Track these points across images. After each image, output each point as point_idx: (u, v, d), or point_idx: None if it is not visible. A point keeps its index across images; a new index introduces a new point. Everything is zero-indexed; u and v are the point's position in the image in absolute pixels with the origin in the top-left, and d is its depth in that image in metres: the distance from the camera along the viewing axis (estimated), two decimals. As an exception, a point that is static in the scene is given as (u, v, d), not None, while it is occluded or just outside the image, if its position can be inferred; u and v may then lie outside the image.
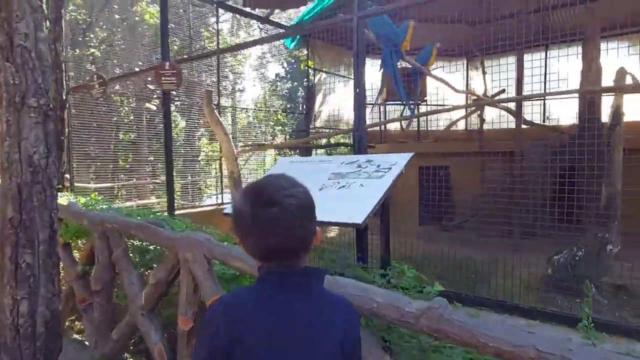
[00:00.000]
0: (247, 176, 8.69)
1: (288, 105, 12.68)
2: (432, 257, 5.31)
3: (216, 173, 11.53)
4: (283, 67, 13.38)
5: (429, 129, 9.26)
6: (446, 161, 7.33)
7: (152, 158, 8.41)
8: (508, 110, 6.61)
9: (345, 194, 2.30)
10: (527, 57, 7.79)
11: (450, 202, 7.28)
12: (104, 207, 3.51)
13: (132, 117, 8.47)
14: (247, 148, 7.08)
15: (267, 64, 13.37)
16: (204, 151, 10.56)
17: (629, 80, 3.63)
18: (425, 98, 8.40)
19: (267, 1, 6.56)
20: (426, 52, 6.07)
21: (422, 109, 8.73)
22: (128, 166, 7.86)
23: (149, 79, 7.22)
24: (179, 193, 8.59)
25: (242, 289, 1.27)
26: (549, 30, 8.05)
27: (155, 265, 2.65)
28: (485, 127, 7.97)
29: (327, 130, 8.18)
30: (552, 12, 7.80)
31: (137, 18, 8.19)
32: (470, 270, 5.13)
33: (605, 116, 5.56)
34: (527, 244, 5.72)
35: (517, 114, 6.06)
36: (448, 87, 6.51)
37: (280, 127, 11.72)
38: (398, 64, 5.78)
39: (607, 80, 5.41)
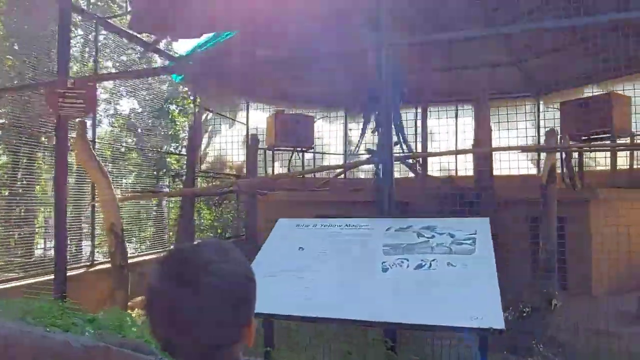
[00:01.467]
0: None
1: (147, 144, 11.23)
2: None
3: (44, 221, 9.35)
4: (138, 103, 11.92)
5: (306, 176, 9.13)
6: (342, 210, 7.19)
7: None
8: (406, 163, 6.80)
9: (434, 278, 1.75)
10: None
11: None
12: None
13: None
14: (131, 195, 5.79)
15: (119, 97, 11.76)
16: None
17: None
18: (312, 145, 8.27)
19: (155, 27, 5.64)
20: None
21: (308, 156, 8.56)
22: None
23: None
24: None
25: None
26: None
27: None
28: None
29: (211, 175, 7.30)
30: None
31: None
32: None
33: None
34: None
35: (423, 166, 6.24)
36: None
37: (134, 168, 10.20)
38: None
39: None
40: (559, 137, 3.92)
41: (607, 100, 6.78)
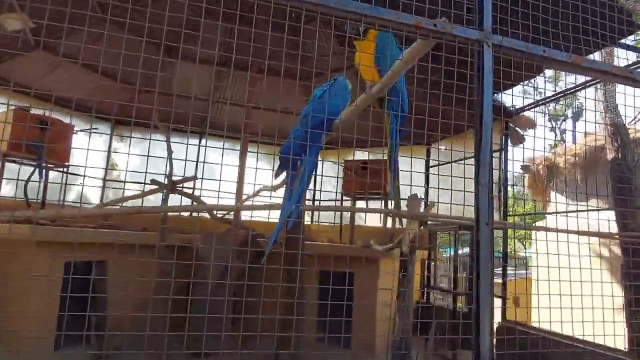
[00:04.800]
0: None
1: None
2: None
3: None
4: None
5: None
6: (103, 255, 5.41)
7: None
8: (194, 197, 5.69)
9: None
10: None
11: (104, 314, 5.31)
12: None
13: None
14: None
15: None
16: None
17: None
18: (67, 163, 6.14)
19: None
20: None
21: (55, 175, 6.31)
22: None
23: None
24: None
25: None
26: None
27: None
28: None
29: None
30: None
31: None
32: None
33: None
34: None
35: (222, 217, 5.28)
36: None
37: None
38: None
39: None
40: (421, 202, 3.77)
41: (382, 166, 7.45)
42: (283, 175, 2.68)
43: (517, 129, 6.62)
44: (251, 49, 2.64)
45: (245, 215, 7.31)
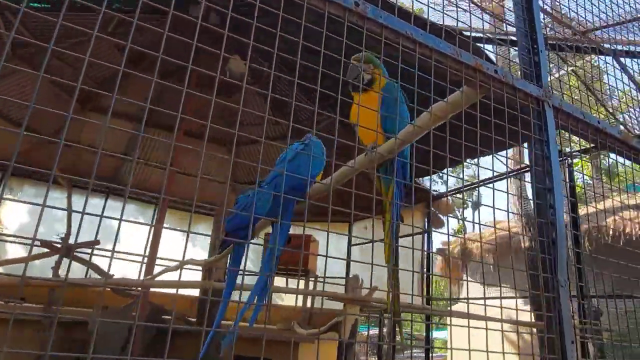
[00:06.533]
0: None
1: None
2: None
3: None
4: None
5: None
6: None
7: None
8: (93, 266, 4.92)
9: None
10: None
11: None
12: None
13: None
14: None
15: None
16: None
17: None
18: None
19: None
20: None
21: None
22: None
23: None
24: None
25: None
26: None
27: None
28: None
29: None
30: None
31: None
32: None
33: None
34: None
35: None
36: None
37: None
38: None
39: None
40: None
41: (307, 242, 7.16)
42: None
43: (437, 213, 6.82)
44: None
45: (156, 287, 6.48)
